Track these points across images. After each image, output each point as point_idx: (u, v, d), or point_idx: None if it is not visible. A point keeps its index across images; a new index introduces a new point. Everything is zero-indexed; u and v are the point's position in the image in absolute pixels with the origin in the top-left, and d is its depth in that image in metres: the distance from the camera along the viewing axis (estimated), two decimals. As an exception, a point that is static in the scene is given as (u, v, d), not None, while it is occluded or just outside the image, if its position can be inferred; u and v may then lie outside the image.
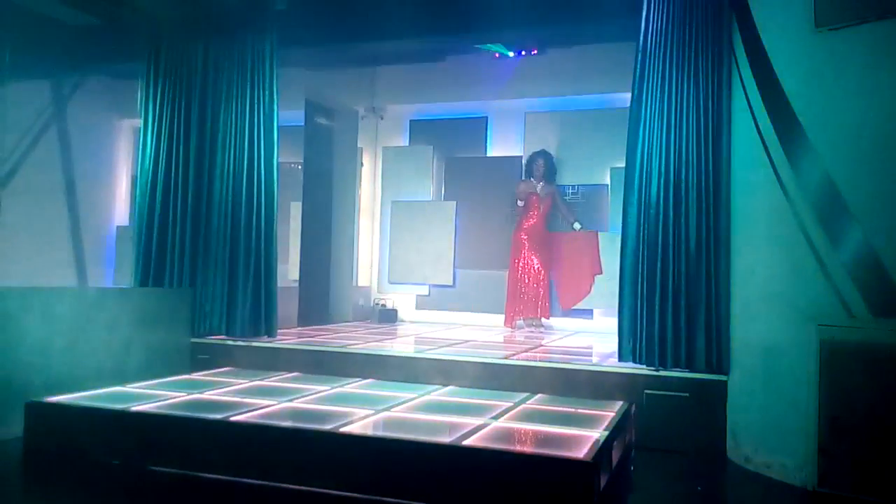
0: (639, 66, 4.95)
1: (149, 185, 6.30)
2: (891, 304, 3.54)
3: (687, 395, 4.54)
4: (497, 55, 7.83)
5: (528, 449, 3.60)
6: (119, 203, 9.25)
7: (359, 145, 8.86)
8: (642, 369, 4.75)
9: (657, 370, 4.68)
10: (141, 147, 6.44)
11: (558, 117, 8.28)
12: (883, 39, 3.67)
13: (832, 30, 3.84)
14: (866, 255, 3.63)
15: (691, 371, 4.61)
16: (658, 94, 4.83)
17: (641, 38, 4.95)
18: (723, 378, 4.50)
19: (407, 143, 9.03)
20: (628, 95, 5.04)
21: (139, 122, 6.55)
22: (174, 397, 4.39)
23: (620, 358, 4.92)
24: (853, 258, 3.68)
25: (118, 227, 9.12)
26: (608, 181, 7.95)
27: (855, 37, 3.76)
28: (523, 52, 7.96)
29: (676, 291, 4.67)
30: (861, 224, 3.66)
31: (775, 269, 4.10)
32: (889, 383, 3.52)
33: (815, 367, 3.74)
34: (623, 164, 5.10)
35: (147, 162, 6.35)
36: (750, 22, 4.39)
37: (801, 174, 3.95)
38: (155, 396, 4.38)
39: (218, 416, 3.86)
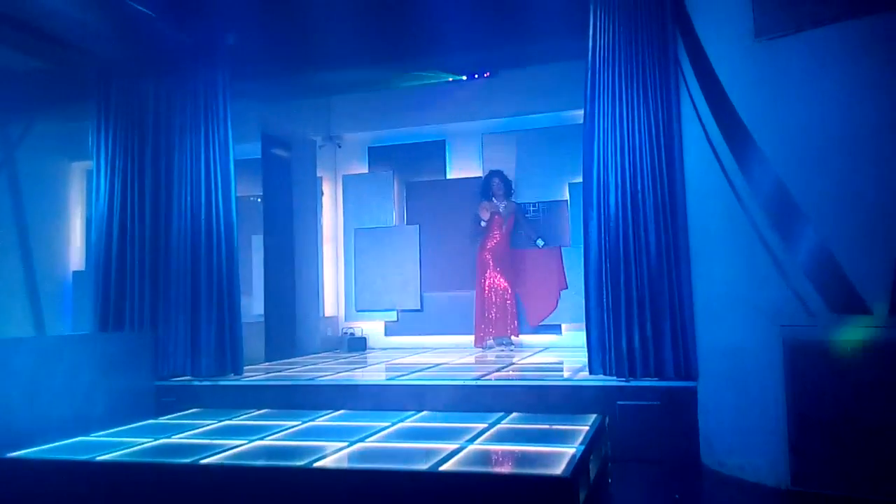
0: (589, 83, 5.04)
1: (104, 227, 6.17)
2: (848, 301, 3.64)
3: (658, 403, 4.57)
4: (450, 79, 7.90)
5: (505, 470, 3.58)
6: (74, 248, 9.03)
7: (318, 174, 8.83)
8: (613, 381, 4.77)
9: (627, 381, 4.71)
10: (94, 189, 6.31)
11: (515, 137, 8.36)
12: (820, 46, 3.81)
13: (771, 38, 3.97)
14: (821, 254, 3.73)
15: (661, 379, 4.65)
16: (609, 110, 4.91)
17: (590, 55, 5.04)
18: (692, 384, 4.55)
19: (367, 170, 9.03)
20: (581, 112, 5.13)
21: (91, 165, 6.43)
22: (140, 444, 4.27)
23: (591, 371, 4.94)
24: (808, 258, 3.78)
25: (74, 272, 8.90)
26: (567, 197, 8.04)
27: (794, 44, 3.89)
28: (476, 76, 8.05)
29: (641, 301, 4.73)
30: (814, 224, 3.76)
31: (734, 274, 4.18)
32: (852, 378, 3.60)
33: (780, 367, 3.81)
34: (581, 179, 5.17)
35: (101, 204, 6.22)
36: (693, 34, 4.52)
37: (752, 179, 4.05)
38: (120, 444, 4.25)
39: (187, 460, 3.76)
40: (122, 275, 6.10)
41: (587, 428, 4.14)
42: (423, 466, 3.47)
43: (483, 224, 7.82)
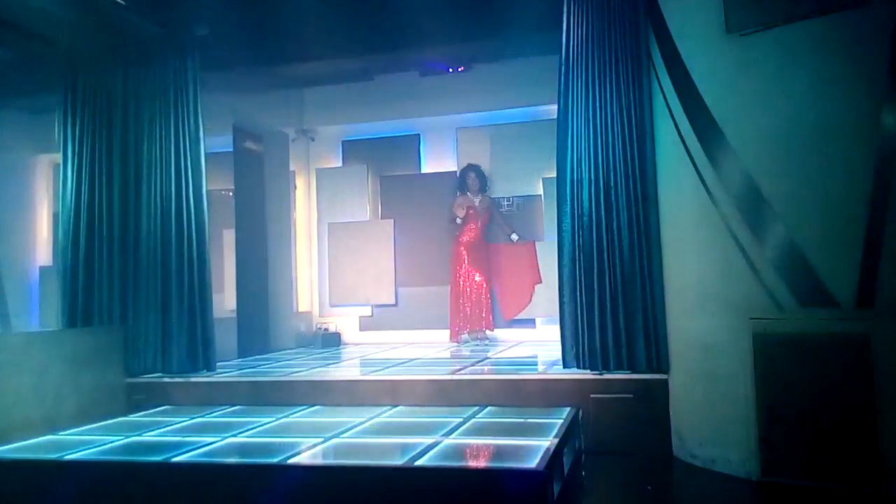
0: (563, 77, 5.05)
1: (71, 221, 6.05)
2: (816, 295, 3.70)
3: (631, 396, 4.62)
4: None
5: (481, 463, 3.60)
6: (40, 243, 8.83)
7: (291, 168, 8.74)
8: (587, 374, 4.81)
9: (601, 374, 4.75)
10: (61, 182, 6.18)
11: (489, 131, 8.38)
12: (790, 42, 3.85)
13: (743, 35, 4.01)
14: (790, 249, 3.79)
15: (633, 372, 4.70)
16: (583, 105, 4.94)
17: (563, 50, 5.06)
18: (664, 377, 4.60)
19: (341, 164, 8.97)
20: (555, 107, 5.14)
21: (58, 157, 6.29)
22: (111, 442, 4.20)
23: (565, 364, 4.97)
24: (778, 252, 3.84)
25: (41, 267, 8.72)
26: (541, 191, 8.08)
27: (764, 41, 3.94)
28: (451, 69, 8.04)
29: (614, 295, 4.76)
30: (783, 219, 3.82)
31: (706, 268, 4.22)
32: (819, 370, 3.68)
33: (750, 360, 3.87)
34: (554, 174, 5.19)
35: (69, 197, 6.10)
36: (665, 30, 4.55)
37: (723, 175, 4.09)
38: (90, 442, 4.18)
39: (159, 459, 3.71)
40: (90, 270, 5.99)
41: (561, 421, 4.17)
42: (399, 461, 3.47)
43: (458, 222, 7.84)
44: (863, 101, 3.63)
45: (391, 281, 8.46)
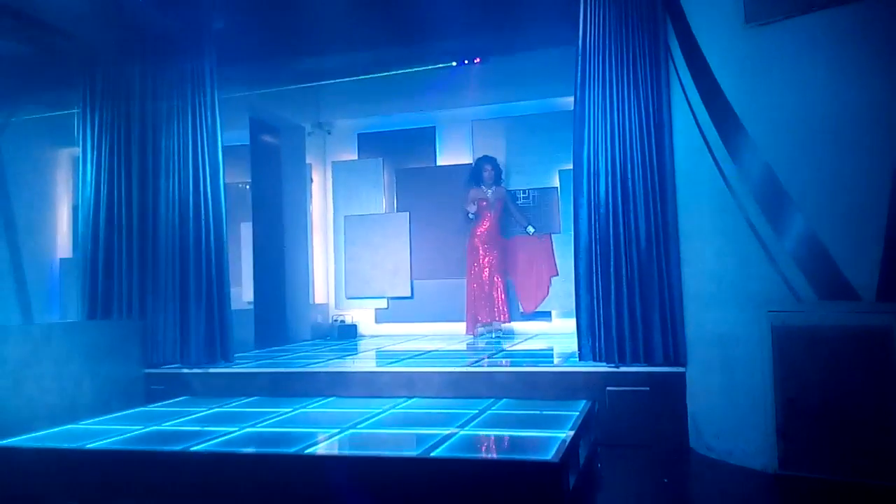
0: (579, 69, 5.02)
1: (91, 214, 6.13)
2: (835, 287, 3.66)
3: (647, 389, 4.60)
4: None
5: (496, 455, 3.60)
6: (61, 235, 8.96)
7: (307, 161, 8.78)
8: (603, 367, 4.79)
9: (617, 367, 4.74)
10: (81, 176, 6.26)
11: (505, 123, 8.35)
12: (810, 32, 3.81)
13: (762, 25, 3.97)
14: (809, 241, 3.75)
15: (650, 365, 4.68)
16: (600, 96, 4.90)
17: (580, 41, 5.03)
18: (681, 370, 4.58)
19: (356, 157, 8.99)
20: (572, 99, 5.12)
21: (78, 151, 6.37)
22: (130, 431, 4.26)
23: (581, 357, 4.96)
24: (797, 244, 3.80)
25: (62, 259, 8.84)
26: (557, 183, 8.04)
27: (784, 31, 3.89)
28: (466, 62, 8.01)
29: (631, 288, 4.74)
30: (802, 211, 3.78)
31: (724, 260, 4.19)
32: (838, 363, 3.64)
33: (769, 352, 3.84)
34: (571, 166, 5.16)
35: (88, 191, 6.17)
36: (683, 20, 4.51)
37: (742, 165, 4.06)
38: (110, 432, 4.24)
39: (177, 448, 3.75)
40: (109, 262, 6.06)
41: (577, 413, 4.17)
42: (414, 453, 3.49)
43: (471, 216, 7.83)
44: (883, 91, 3.58)
45: (407, 273, 8.47)
